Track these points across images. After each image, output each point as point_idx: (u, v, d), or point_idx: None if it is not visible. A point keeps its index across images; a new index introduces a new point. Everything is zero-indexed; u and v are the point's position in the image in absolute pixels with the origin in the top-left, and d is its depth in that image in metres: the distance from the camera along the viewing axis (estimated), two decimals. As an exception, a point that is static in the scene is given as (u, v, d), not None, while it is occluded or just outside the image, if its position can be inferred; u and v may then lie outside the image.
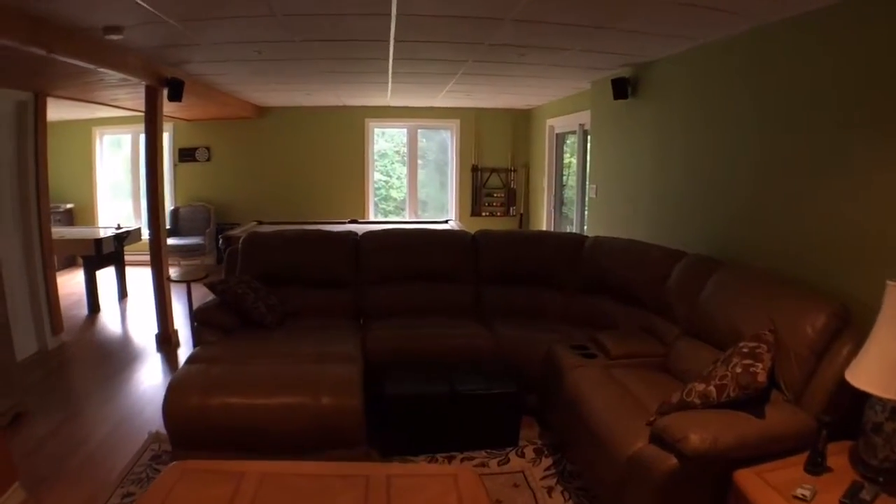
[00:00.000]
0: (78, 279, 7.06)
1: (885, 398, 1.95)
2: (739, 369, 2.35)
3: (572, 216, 7.36)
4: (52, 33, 3.35)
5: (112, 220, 9.11)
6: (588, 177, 6.34)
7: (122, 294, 6.90)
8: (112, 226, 6.99)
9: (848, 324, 2.44)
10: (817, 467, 2.06)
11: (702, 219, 4.08)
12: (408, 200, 9.67)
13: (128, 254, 7.19)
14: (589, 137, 6.43)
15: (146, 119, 4.96)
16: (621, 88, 5.06)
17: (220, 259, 7.39)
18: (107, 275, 6.98)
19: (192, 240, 8.46)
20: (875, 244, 2.61)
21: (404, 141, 9.68)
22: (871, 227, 2.63)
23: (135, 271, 8.39)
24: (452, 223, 7.26)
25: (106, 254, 6.20)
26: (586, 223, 6.61)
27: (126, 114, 7.81)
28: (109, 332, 5.76)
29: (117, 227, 6.81)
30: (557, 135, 7.94)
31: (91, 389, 4.42)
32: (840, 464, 2.11)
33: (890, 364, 1.93)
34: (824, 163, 2.93)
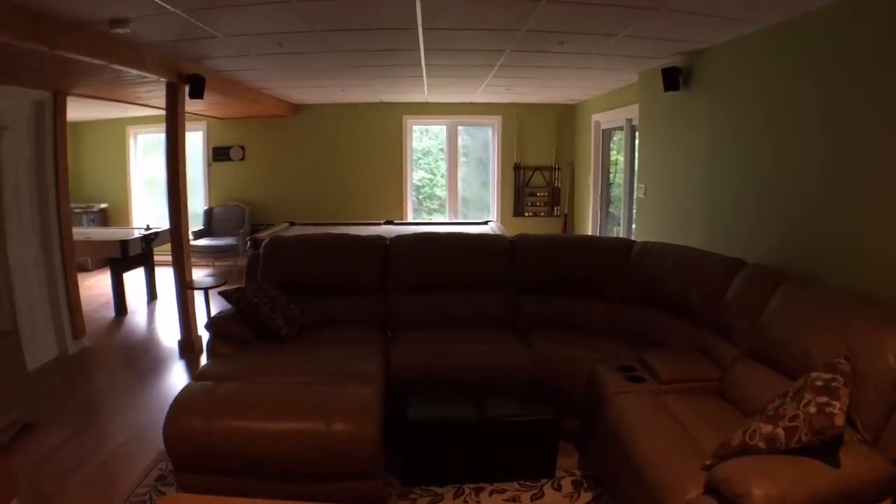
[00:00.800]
0: (109, 280, 6.97)
1: None
2: (813, 409, 1.95)
3: (620, 216, 6.90)
4: (54, 28, 3.16)
5: (147, 220, 9.11)
6: (636, 176, 5.89)
7: (151, 296, 6.79)
8: (141, 227, 6.87)
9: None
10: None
11: (763, 224, 3.63)
12: (447, 200, 9.33)
13: (160, 254, 7.08)
14: (637, 133, 5.98)
15: (167, 117, 4.78)
16: (672, 79, 4.61)
17: (253, 260, 7.23)
18: (137, 276, 6.90)
19: (225, 240, 8.32)
20: None
21: (455, 138, 9.29)
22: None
23: (167, 272, 8.35)
24: (493, 224, 6.88)
25: (133, 256, 6.06)
26: (634, 225, 6.16)
27: (159, 112, 7.73)
28: (133, 337, 5.62)
29: (146, 229, 6.70)
30: (604, 131, 7.49)
31: (107, 398, 4.28)
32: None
33: None
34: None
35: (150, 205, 9.30)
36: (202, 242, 8.16)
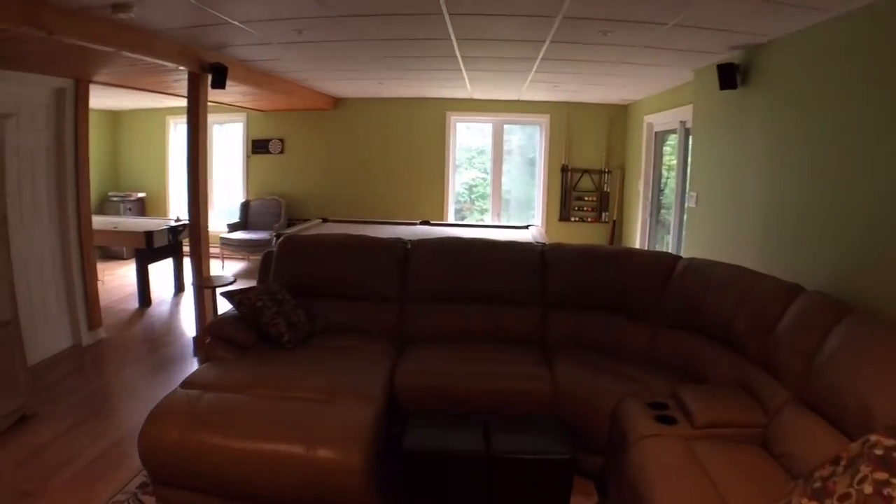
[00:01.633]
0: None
1: None
2: (870, 489, 1.55)
3: (671, 224, 6.39)
4: (53, 13, 3.00)
5: (182, 211, 9.12)
6: (688, 182, 5.40)
7: (178, 288, 6.71)
8: (171, 218, 6.80)
9: None
10: None
11: (828, 245, 3.15)
12: (491, 201, 8.95)
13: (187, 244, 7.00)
14: (691, 136, 5.49)
15: (189, 107, 4.61)
16: (729, 76, 4.13)
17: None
18: (166, 268, 6.84)
19: (260, 234, 8.20)
20: None
21: (501, 137, 8.87)
22: None
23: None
24: (534, 229, 6.47)
25: (159, 247, 5.96)
26: (683, 238, 5.67)
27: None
28: (152, 330, 5.50)
29: (176, 220, 6.61)
30: (656, 133, 6.99)
31: (111, 393, 4.17)
32: None
33: None
34: None
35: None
36: (237, 235, 8.07)
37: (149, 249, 5.87)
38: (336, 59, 4.89)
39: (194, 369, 4.42)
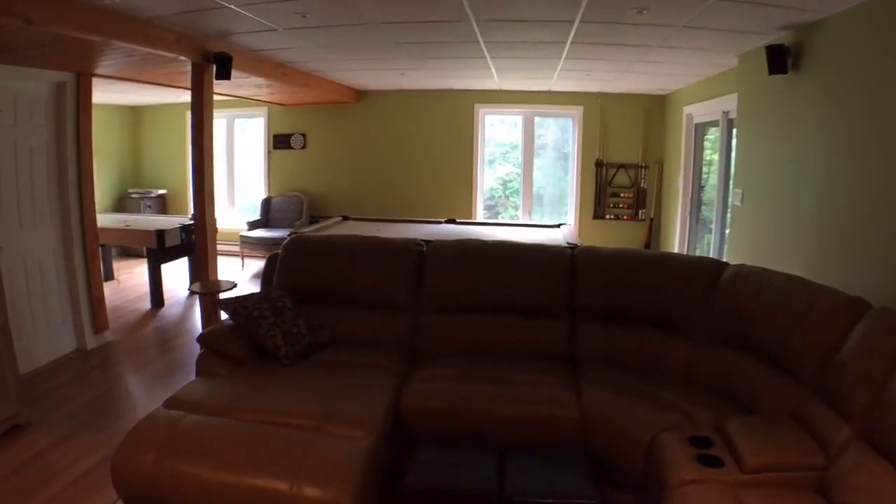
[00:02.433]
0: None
1: None
2: None
3: (712, 221, 5.92)
4: (28, 1, 2.74)
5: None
6: (732, 179, 4.93)
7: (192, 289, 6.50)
8: (188, 216, 6.60)
9: None
10: None
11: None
12: (521, 198, 8.53)
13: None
14: (734, 128, 5.02)
15: (192, 101, 4.35)
16: (779, 59, 3.69)
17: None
18: (182, 267, 6.66)
19: (281, 232, 7.91)
20: None
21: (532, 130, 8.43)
22: None
23: (220, 262, 8.15)
24: (566, 229, 6.06)
25: (172, 247, 5.75)
26: (726, 239, 5.21)
27: (218, 98, 7.47)
28: (162, 333, 5.29)
29: (190, 218, 6.40)
30: (696, 125, 6.50)
31: (110, 402, 3.96)
32: None
33: None
34: None
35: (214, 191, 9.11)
36: (257, 234, 7.85)
37: (160, 249, 5.66)
38: (346, 46, 4.58)
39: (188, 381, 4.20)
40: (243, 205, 9.05)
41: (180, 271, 6.87)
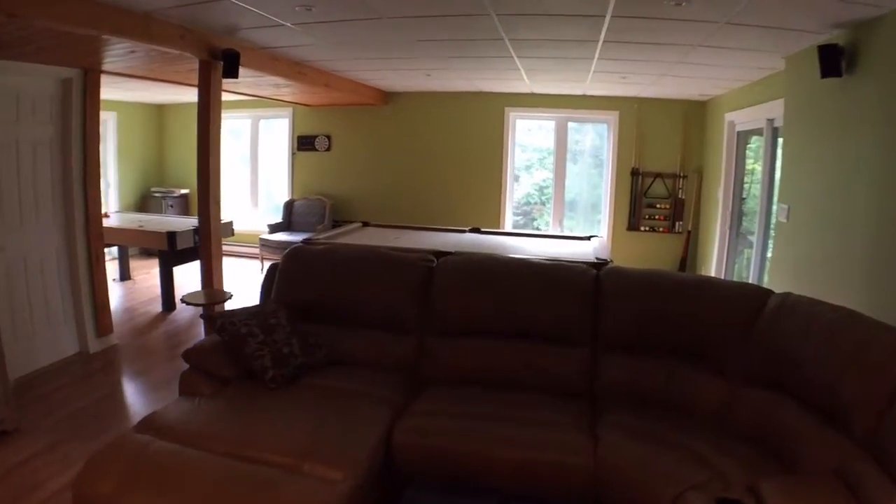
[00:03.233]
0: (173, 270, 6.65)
1: None
2: None
3: (753, 233, 5.48)
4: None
5: (229, 209, 8.84)
6: (777, 192, 4.52)
7: (206, 292, 6.34)
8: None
9: None
10: None
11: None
12: (552, 207, 8.14)
13: (229, 244, 6.69)
14: (780, 137, 4.61)
15: (199, 99, 4.16)
16: (832, 61, 3.29)
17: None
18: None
19: (300, 236, 7.75)
20: None
21: (564, 136, 8.03)
22: None
23: (239, 264, 8.03)
24: (597, 241, 5.68)
25: (183, 248, 5.59)
26: (768, 260, 4.79)
27: (241, 98, 7.34)
28: (170, 338, 5.12)
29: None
30: (739, 133, 6.06)
31: (104, 409, 3.78)
32: None
33: None
34: None
35: (237, 192, 9.02)
36: (277, 237, 7.68)
37: (171, 251, 5.50)
38: (363, 43, 4.33)
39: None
40: (269, 207, 8.92)
41: (195, 274, 6.72)
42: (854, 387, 2.15)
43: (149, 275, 7.12)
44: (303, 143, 8.41)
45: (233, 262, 8.16)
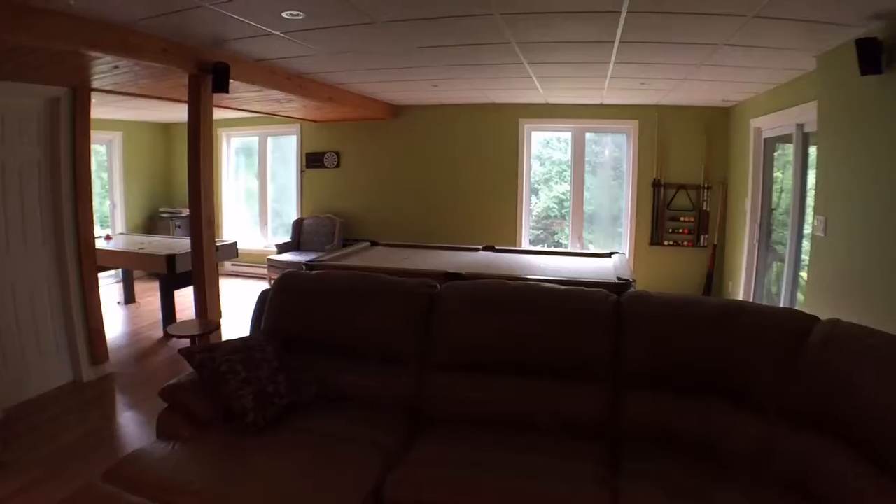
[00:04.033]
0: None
1: None
2: None
3: (783, 244, 5.11)
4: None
5: (237, 228, 8.68)
6: (813, 203, 4.16)
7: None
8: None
9: None
10: None
11: None
12: (571, 222, 7.81)
13: (238, 264, 6.46)
14: (813, 144, 4.26)
15: (189, 116, 3.95)
16: (872, 56, 2.98)
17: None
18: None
19: (309, 256, 7.56)
20: None
21: (582, 147, 7.73)
22: None
23: (247, 285, 7.84)
24: (617, 258, 5.37)
25: (183, 272, 5.39)
26: (801, 274, 4.42)
27: (250, 115, 7.17)
28: (168, 366, 4.86)
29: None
30: (766, 140, 5.71)
31: (94, 443, 3.57)
32: None
33: None
34: None
35: (247, 211, 8.87)
36: (285, 257, 7.46)
37: (171, 274, 5.30)
38: (362, 52, 4.10)
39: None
40: (278, 226, 8.74)
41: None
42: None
43: (154, 298, 6.91)
44: (311, 160, 8.22)
45: (240, 284, 7.99)
